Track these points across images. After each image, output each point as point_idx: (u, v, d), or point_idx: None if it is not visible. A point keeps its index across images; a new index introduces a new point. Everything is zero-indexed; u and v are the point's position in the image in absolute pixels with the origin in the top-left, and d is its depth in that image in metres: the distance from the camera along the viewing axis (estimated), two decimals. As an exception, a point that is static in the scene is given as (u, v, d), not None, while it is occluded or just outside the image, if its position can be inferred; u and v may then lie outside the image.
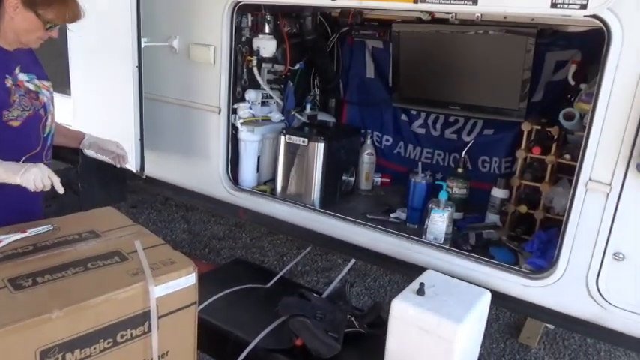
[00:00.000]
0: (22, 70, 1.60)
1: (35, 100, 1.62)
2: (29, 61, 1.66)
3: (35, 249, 1.39)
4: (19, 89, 1.57)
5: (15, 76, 1.58)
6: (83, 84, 2.63)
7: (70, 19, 1.56)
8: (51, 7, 1.49)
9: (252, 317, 2.00)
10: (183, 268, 1.39)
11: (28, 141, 1.63)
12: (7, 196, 1.55)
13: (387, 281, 3.33)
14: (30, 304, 1.15)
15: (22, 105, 1.57)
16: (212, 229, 3.88)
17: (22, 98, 1.57)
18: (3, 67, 1.54)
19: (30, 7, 1.47)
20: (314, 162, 2.30)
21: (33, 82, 1.64)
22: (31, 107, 1.60)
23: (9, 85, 1.54)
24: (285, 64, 2.62)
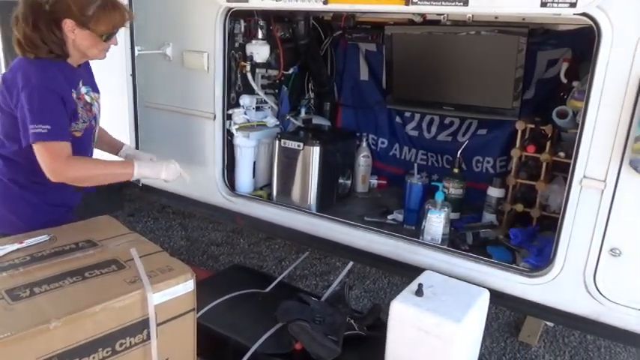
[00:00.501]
0: (83, 84, 1.74)
1: (89, 112, 1.75)
2: (87, 75, 1.81)
3: (32, 259, 1.39)
4: (80, 102, 1.70)
5: (79, 90, 1.71)
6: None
7: (120, 23, 1.69)
8: (100, 20, 1.61)
9: (251, 322, 1.99)
10: (181, 274, 1.40)
11: (85, 150, 1.78)
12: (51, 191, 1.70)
13: (386, 283, 3.32)
14: (28, 314, 1.15)
15: (83, 117, 1.70)
16: (210, 235, 3.87)
17: (82, 111, 1.70)
18: (71, 82, 1.67)
19: (84, 26, 1.60)
20: (310, 166, 2.30)
21: (89, 94, 1.76)
22: (87, 119, 1.73)
23: (75, 98, 1.67)
24: (279, 68, 2.62)
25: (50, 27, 1.57)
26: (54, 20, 1.57)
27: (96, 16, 1.60)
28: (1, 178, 1.70)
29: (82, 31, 1.61)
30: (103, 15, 1.61)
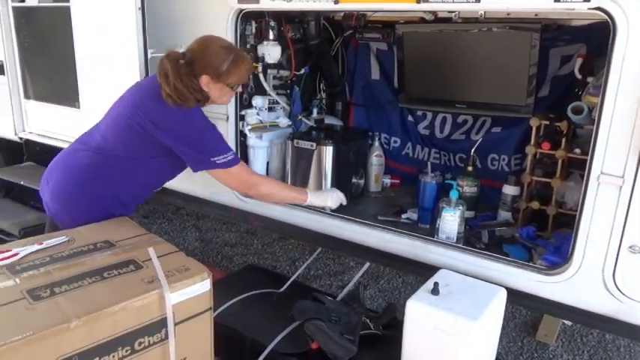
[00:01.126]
0: None
1: None
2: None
3: (52, 260, 1.41)
4: None
5: None
6: (92, 97, 2.67)
7: (248, 74, 1.96)
8: (232, 74, 1.82)
9: (267, 322, 2.01)
10: (197, 274, 1.41)
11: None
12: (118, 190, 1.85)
13: (401, 282, 3.32)
14: (49, 314, 1.17)
15: None
16: (224, 236, 3.90)
17: None
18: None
19: (218, 80, 1.81)
20: (323, 165, 2.31)
21: None
22: None
23: None
24: (291, 69, 2.63)
25: (191, 80, 1.77)
26: (193, 75, 1.78)
27: (228, 71, 1.80)
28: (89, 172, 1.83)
29: (216, 84, 1.81)
30: (234, 69, 1.81)
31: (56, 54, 2.98)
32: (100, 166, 1.84)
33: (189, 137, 1.78)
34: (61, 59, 2.88)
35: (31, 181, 3.14)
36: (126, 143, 1.82)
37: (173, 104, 1.75)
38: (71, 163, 1.88)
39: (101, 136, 1.87)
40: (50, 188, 1.85)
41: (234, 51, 1.85)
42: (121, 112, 1.83)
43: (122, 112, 1.82)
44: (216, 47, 1.81)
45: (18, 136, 3.36)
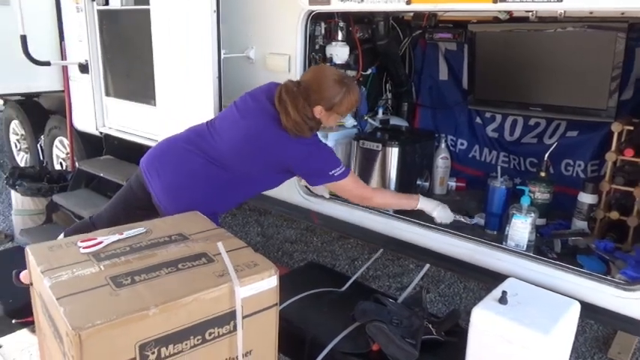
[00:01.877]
0: None
1: None
2: None
3: (132, 250, 1.49)
4: None
5: None
6: (167, 95, 2.79)
7: (355, 105, 2.03)
8: (343, 104, 1.95)
9: (328, 320, 2.02)
10: (265, 270, 1.44)
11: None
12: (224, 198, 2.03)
13: (462, 288, 3.24)
14: (130, 300, 1.24)
15: None
16: (284, 232, 3.97)
17: None
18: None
19: (330, 110, 1.94)
20: (388, 166, 2.29)
21: None
22: None
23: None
24: (358, 69, 2.63)
25: (306, 109, 1.90)
26: (308, 104, 1.90)
27: (340, 102, 1.93)
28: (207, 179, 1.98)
29: (328, 113, 1.94)
30: (346, 100, 1.93)
31: (135, 54, 3.15)
32: (214, 177, 1.98)
33: (314, 164, 1.95)
34: (140, 59, 3.05)
35: (109, 173, 3.34)
36: (247, 164, 1.96)
37: (292, 135, 1.89)
38: (186, 164, 1.99)
39: (219, 149, 1.97)
40: (162, 182, 1.98)
41: (346, 84, 1.94)
42: (246, 135, 1.94)
43: (247, 136, 1.94)
44: (330, 81, 1.92)
45: (98, 131, 3.58)
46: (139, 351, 1.21)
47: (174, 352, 1.27)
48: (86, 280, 1.31)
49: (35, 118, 4.47)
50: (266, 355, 1.51)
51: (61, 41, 3.72)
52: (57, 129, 4.17)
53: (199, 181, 1.97)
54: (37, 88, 3.95)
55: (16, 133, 4.82)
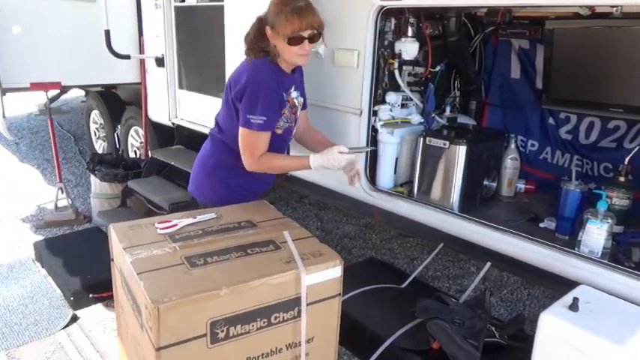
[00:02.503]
0: (295, 89, 1.98)
1: (294, 115, 2.00)
2: (300, 81, 2.07)
3: (204, 233, 1.57)
4: (288, 104, 1.95)
5: (289, 93, 1.95)
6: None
7: (298, 29, 1.79)
8: (281, 24, 1.78)
9: (387, 316, 2.03)
10: (330, 260, 1.47)
11: (282, 146, 2.06)
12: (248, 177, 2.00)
13: (526, 295, 3.13)
14: (203, 280, 1.31)
15: (287, 118, 1.95)
16: (343, 228, 3.99)
17: (289, 112, 1.95)
18: (283, 85, 1.91)
19: (273, 30, 1.82)
20: (454, 165, 2.25)
21: (298, 98, 2.01)
22: (291, 120, 1.99)
23: (287, 99, 1.93)
24: (427, 66, 2.60)
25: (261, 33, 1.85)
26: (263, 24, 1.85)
27: (278, 22, 1.79)
28: (210, 157, 2.05)
29: (274, 34, 1.82)
30: (287, 20, 1.77)
31: (208, 48, 3.28)
32: (216, 152, 2.03)
33: (248, 86, 1.81)
34: (212, 53, 3.16)
35: (179, 162, 3.50)
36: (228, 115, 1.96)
37: (248, 60, 1.87)
38: (201, 150, 2.12)
39: (217, 118, 2.06)
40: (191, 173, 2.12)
41: (288, 4, 1.79)
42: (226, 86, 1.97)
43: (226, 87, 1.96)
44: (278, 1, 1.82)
45: (171, 122, 3.76)
46: (210, 328, 1.27)
47: (241, 332, 1.33)
48: (163, 259, 1.39)
49: (113, 109, 4.76)
50: (327, 343, 1.54)
51: (140, 36, 3.94)
52: (133, 119, 4.42)
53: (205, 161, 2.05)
54: (116, 80, 4.21)
55: (96, 122, 5.15)
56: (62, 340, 2.42)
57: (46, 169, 5.18)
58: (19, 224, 3.82)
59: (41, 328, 2.49)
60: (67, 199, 3.89)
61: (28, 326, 2.50)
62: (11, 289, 2.82)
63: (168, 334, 1.22)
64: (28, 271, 3.04)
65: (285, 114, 1.94)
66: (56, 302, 2.71)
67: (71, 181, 4.78)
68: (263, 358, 1.40)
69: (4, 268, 3.08)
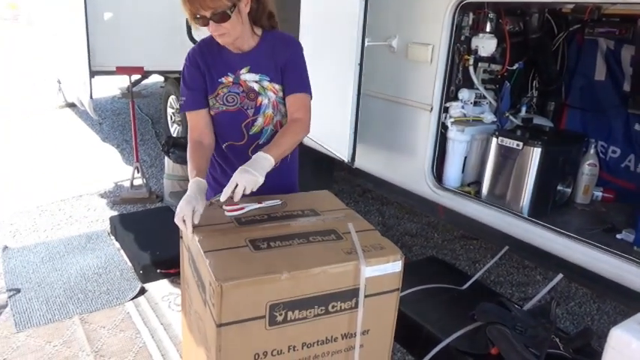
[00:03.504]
0: (251, 71, 1.72)
1: (248, 100, 1.72)
2: (267, 64, 1.73)
3: (269, 218, 1.60)
4: (236, 87, 1.71)
5: (238, 74, 1.71)
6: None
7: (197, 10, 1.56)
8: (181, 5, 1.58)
9: (445, 316, 1.99)
10: (391, 254, 1.46)
11: (228, 131, 1.78)
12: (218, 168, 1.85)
13: (595, 309, 2.96)
14: (265, 263, 1.34)
15: (225, 100, 1.72)
16: (405, 225, 3.95)
17: (229, 95, 1.71)
18: (226, 65, 1.71)
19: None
20: (527, 167, 2.16)
21: (261, 83, 1.73)
22: (235, 104, 1.72)
23: (224, 80, 1.71)
24: (504, 63, 2.50)
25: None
26: None
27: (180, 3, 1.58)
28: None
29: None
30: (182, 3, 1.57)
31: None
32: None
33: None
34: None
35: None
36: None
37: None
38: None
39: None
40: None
41: None
42: None
43: None
44: None
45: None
46: (269, 310, 1.30)
47: (299, 317, 1.35)
48: (229, 240, 1.44)
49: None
50: (382, 337, 1.54)
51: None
52: (206, 105, 4.58)
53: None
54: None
55: (172, 106, 5.40)
56: (130, 310, 2.58)
57: (124, 149, 5.51)
58: (98, 199, 4.10)
59: (112, 297, 2.67)
60: (142, 178, 4.12)
61: (100, 294, 2.68)
62: (88, 259, 3.03)
63: (230, 312, 1.27)
64: (103, 244, 3.25)
65: (220, 95, 1.71)
66: (127, 274, 2.88)
67: (146, 162, 5.06)
68: (318, 344, 1.42)
69: (82, 238, 3.32)
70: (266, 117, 1.77)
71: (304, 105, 1.75)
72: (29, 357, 2.19)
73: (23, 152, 5.26)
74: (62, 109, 7.23)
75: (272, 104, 1.76)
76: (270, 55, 1.73)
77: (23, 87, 8.63)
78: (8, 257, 3.02)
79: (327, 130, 2.52)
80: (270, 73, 1.73)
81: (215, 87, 1.71)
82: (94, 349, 2.25)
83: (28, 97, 7.87)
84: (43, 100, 7.55)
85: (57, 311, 2.51)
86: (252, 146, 1.79)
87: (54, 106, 7.28)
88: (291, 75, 1.75)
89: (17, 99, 7.71)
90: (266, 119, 1.77)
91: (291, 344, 1.37)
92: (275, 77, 1.74)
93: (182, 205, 1.48)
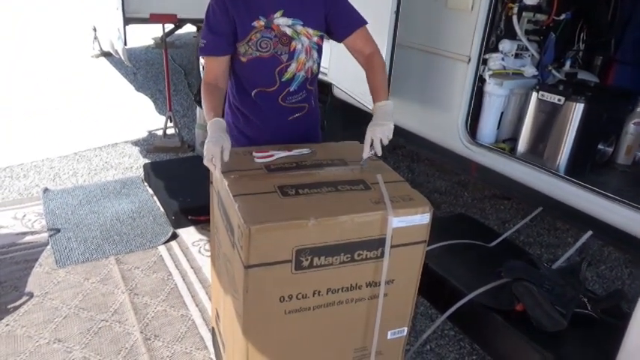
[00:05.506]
0: (285, 15, 1.66)
1: (282, 45, 1.68)
2: (300, 8, 1.69)
3: (298, 166, 1.60)
4: (269, 31, 1.66)
5: (271, 19, 1.65)
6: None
7: None
8: None
9: (471, 272, 1.98)
10: (419, 206, 1.44)
11: (259, 78, 1.73)
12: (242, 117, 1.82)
13: (627, 274, 2.89)
14: (293, 209, 1.35)
15: (259, 46, 1.66)
16: (435, 182, 3.89)
17: (263, 40, 1.66)
18: (258, 8, 1.64)
19: None
20: (568, 124, 2.07)
21: (294, 27, 1.68)
22: (268, 50, 1.67)
23: (256, 25, 1.64)
24: (550, 13, 2.36)
25: None
26: None
27: None
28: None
29: None
30: None
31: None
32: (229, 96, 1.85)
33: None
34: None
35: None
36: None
37: None
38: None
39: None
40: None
41: None
42: None
43: None
44: None
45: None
46: (295, 255, 1.32)
47: (325, 264, 1.36)
48: (258, 185, 1.45)
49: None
50: (407, 287, 1.54)
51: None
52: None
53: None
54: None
55: (205, 57, 5.37)
56: (162, 253, 2.67)
57: (158, 99, 5.57)
58: (132, 147, 4.19)
59: (145, 240, 2.76)
60: (175, 128, 4.17)
61: (135, 237, 2.78)
62: (123, 204, 3.13)
63: (257, 255, 1.29)
64: (137, 189, 3.34)
65: (253, 40, 1.65)
66: (159, 219, 2.97)
67: (179, 112, 5.10)
68: (343, 291, 1.43)
69: (117, 184, 3.41)
70: (299, 62, 1.73)
71: (368, 38, 1.75)
72: (69, 291, 2.30)
73: (60, 100, 5.38)
74: (98, 57, 7.31)
75: (305, 49, 1.71)
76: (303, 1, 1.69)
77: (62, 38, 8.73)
78: (49, 199, 3.15)
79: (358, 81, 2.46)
80: (303, 16, 1.68)
81: (247, 32, 1.65)
82: (128, 288, 2.36)
83: (65, 45, 7.98)
84: (79, 48, 7.64)
85: (94, 251, 2.62)
86: (282, 93, 1.76)
87: (89, 55, 7.36)
88: (341, 14, 1.71)
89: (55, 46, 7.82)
90: (299, 65, 1.73)
91: (316, 289, 1.39)
92: (308, 21, 1.69)
93: (209, 146, 1.46)
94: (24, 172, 3.61)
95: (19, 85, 5.80)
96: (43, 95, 5.50)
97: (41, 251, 2.60)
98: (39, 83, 5.93)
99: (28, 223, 2.87)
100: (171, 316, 2.20)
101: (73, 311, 2.18)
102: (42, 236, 2.74)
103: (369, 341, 1.54)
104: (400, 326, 1.59)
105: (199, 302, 2.30)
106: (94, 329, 2.09)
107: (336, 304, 1.44)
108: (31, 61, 6.89)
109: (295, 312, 1.39)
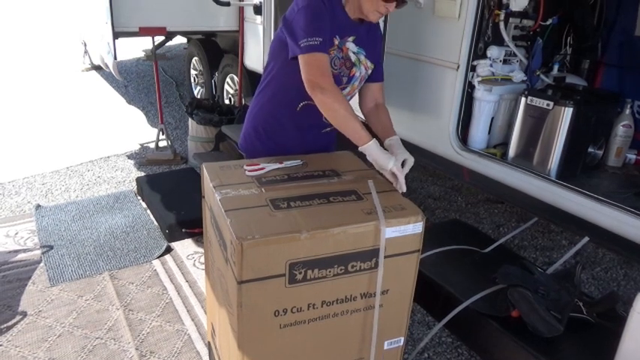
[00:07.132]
0: (355, 42, 1.75)
1: (345, 68, 1.76)
2: (368, 40, 1.79)
3: (289, 178, 1.60)
4: (339, 52, 1.72)
5: (345, 40, 1.73)
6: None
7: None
8: None
9: (466, 279, 1.98)
10: (412, 215, 1.45)
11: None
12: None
13: (622, 275, 2.91)
14: (285, 223, 1.35)
15: (332, 63, 1.71)
16: (428, 188, 3.91)
17: (336, 58, 1.72)
18: (339, 27, 1.70)
19: None
20: (557, 128, 2.08)
21: (358, 55, 1.77)
22: (336, 69, 1.73)
23: (334, 42, 1.71)
24: (537, 18, 2.38)
25: None
26: None
27: None
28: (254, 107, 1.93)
29: None
30: None
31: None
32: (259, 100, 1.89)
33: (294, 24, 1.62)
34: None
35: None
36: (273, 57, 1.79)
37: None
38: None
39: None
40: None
41: None
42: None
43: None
44: None
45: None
46: (289, 268, 1.32)
47: (318, 276, 1.36)
48: (249, 199, 1.45)
49: (212, 56, 4.94)
50: (402, 297, 1.54)
51: (240, -17, 3.99)
52: (229, 67, 4.56)
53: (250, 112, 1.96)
54: (216, 27, 4.33)
55: (196, 68, 5.38)
56: (157, 268, 2.66)
57: (150, 111, 5.56)
58: (125, 161, 4.18)
59: (140, 254, 2.75)
60: (167, 140, 4.17)
61: (129, 252, 2.76)
62: (116, 218, 3.11)
63: (250, 270, 1.28)
64: (131, 203, 3.33)
65: (330, 55, 1.69)
66: (153, 233, 2.96)
67: (171, 124, 5.10)
68: (338, 303, 1.43)
69: (110, 199, 3.40)
70: (352, 88, 1.84)
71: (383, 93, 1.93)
72: (63, 309, 2.29)
73: (51, 114, 5.36)
74: (88, 71, 7.30)
75: (360, 78, 1.82)
76: (370, 35, 1.81)
77: (50, 49, 8.72)
78: (41, 215, 3.13)
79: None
80: (367, 49, 1.80)
81: (329, 46, 1.67)
82: (123, 304, 2.34)
83: (55, 59, 7.96)
84: (69, 62, 7.63)
85: (88, 267, 2.61)
86: None
87: (79, 69, 7.35)
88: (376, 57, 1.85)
89: (45, 61, 7.81)
90: (352, 90, 1.84)
91: (311, 302, 1.39)
92: (369, 55, 1.81)
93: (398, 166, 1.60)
94: (15, 189, 3.59)
95: (8, 100, 5.78)
96: (33, 110, 5.48)
97: (34, 269, 2.58)
98: (28, 98, 5.91)
99: (21, 241, 2.85)
100: (166, 331, 2.18)
101: (67, 329, 2.16)
102: (35, 254, 2.73)
103: (365, 352, 1.53)
104: (396, 336, 1.58)
105: (195, 316, 2.28)
106: (88, 347, 2.07)
107: (332, 317, 1.43)
108: (21, 76, 6.88)
109: (290, 326, 1.38)
